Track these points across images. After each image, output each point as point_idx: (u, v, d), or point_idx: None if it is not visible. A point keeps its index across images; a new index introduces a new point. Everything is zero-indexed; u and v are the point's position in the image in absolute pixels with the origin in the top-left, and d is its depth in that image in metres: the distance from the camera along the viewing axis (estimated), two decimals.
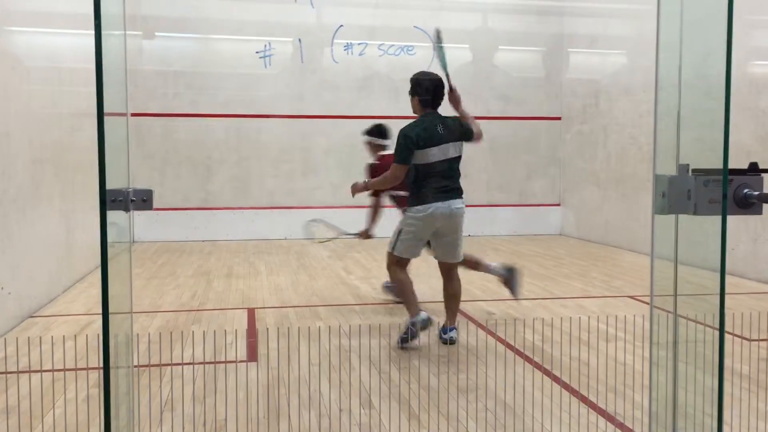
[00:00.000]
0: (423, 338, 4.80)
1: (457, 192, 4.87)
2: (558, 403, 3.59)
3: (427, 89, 4.99)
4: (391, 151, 5.51)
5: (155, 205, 1.94)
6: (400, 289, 4.99)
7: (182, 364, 4.21)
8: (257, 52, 10.61)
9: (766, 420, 3.34)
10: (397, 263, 4.99)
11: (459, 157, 4.94)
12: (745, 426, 3.21)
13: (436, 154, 4.79)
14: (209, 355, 4.44)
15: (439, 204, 4.73)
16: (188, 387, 3.79)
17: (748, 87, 7.23)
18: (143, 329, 5.13)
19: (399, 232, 4.96)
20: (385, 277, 6.15)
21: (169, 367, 4.14)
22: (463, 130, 4.94)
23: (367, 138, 6.33)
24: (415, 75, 5.13)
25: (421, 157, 4.77)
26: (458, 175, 4.94)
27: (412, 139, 4.77)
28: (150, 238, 10.21)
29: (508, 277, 5.68)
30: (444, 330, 4.84)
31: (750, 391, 3.77)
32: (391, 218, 5.49)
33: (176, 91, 10.54)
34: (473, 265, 5.73)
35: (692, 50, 1.97)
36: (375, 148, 6.24)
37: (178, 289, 6.80)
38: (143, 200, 1.91)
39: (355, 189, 5.30)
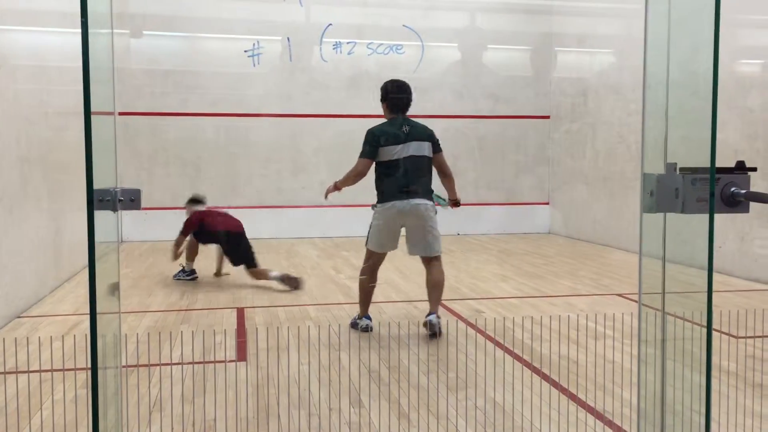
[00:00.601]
0: (412, 337, 4.81)
1: (419, 191, 5.06)
2: (547, 401, 3.60)
3: (394, 95, 5.28)
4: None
5: (143, 204, 1.93)
6: (359, 285, 5.34)
7: (171, 364, 4.19)
8: (246, 51, 10.58)
9: (753, 417, 3.37)
10: (368, 259, 5.30)
11: (424, 157, 5.13)
12: (732, 423, 3.24)
13: (398, 152, 5.08)
14: (198, 354, 4.43)
15: (398, 202, 5.06)
16: (177, 387, 3.77)
17: (734, 86, 7.27)
18: (131, 329, 5.10)
19: (369, 227, 5.34)
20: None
21: (158, 368, 4.12)
22: (429, 134, 5.27)
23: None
24: (385, 83, 5.38)
25: (383, 154, 5.11)
26: (424, 174, 5.15)
27: (375, 136, 5.16)
28: (138, 237, 10.16)
29: (287, 281, 6.60)
30: (427, 315, 4.96)
31: (737, 389, 3.79)
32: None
33: (164, 89, 10.50)
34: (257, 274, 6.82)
35: (680, 49, 1.98)
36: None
37: (167, 289, 6.77)
38: (131, 200, 1.90)
39: (328, 191, 5.71)
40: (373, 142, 5.15)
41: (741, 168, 1.89)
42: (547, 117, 11.53)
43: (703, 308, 2.20)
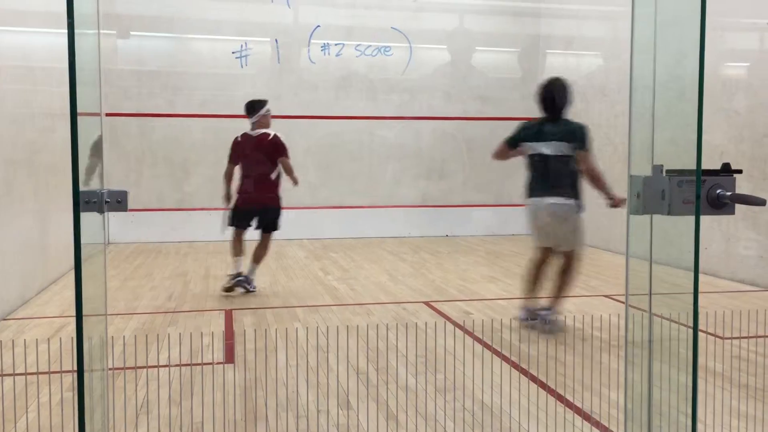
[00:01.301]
0: (401, 339, 4.81)
1: (555, 190, 5.25)
2: (535, 402, 3.61)
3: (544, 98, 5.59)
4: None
5: (131, 206, 1.92)
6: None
7: (158, 366, 4.17)
8: (233, 52, 10.55)
9: (739, 417, 3.39)
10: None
11: (562, 157, 5.31)
12: (719, 423, 3.26)
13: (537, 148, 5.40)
14: (186, 357, 4.41)
15: (536, 199, 5.35)
16: (164, 389, 3.75)
17: (721, 88, 7.33)
18: (118, 332, 5.07)
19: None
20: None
21: (145, 370, 4.10)
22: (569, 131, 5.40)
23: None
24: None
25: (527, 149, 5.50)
26: (561, 174, 5.31)
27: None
28: (125, 239, 10.10)
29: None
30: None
31: (723, 389, 3.82)
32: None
33: (151, 90, 10.45)
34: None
35: (666, 52, 1.99)
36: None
37: (154, 291, 6.74)
38: (118, 201, 1.89)
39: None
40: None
41: (727, 170, 1.91)
42: (536, 119, 11.56)
43: (690, 309, 2.21)
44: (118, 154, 10.32)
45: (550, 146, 5.33)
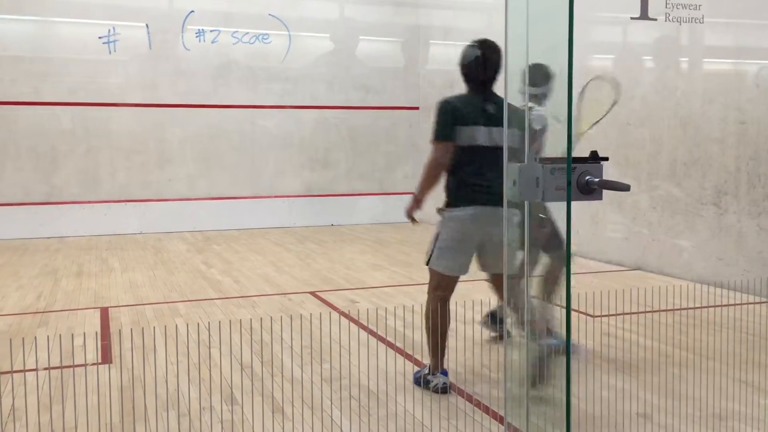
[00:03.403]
0: (287, 330, 4.76)
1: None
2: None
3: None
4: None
5: None
6: (426, 325, 3.92)
7: (24, 371, 3.92)
8: (100, 38, 10.02)
9: (609, 390, 3.60)
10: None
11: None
12: (591, 396, 3.44)
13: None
14: (58, 359, 4.17)
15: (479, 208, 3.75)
16: (34, 395, 3.53)
17: (587, 79, 7.71)
18: None
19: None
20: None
21: (12, 375, 3.84)
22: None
23: None
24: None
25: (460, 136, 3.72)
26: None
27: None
28: None
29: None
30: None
31: (595, 365, 4.04)
32: None
33: (14, 77, 9.76)
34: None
35: (538, 43, 2.06)
36: None
37: (21, 291, 6.33)
38: None
39: (412, 211, 3.97)
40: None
41: (595, 158, 2.01)
42: (417, 108, 11.75)
43: (563, 290, 2.32)
44: None
45: (495, 133, 3.69)
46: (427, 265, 3.83)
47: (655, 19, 6.24)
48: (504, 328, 3.58)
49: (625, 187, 3.10)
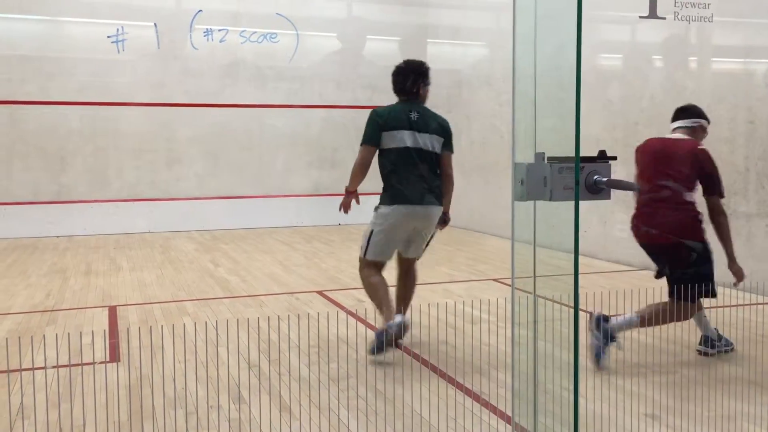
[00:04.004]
0: (294, 330, 4.77)
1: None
2: (427, 386, 3.68)
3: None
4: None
5: (1, 199, 1.79)
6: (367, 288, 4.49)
7: (33, 369, 3.94)
8: (109, 37, 10.06)
9: (617, 390, 3.59)
10: None
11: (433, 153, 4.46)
12: (598, 397, 3.43)
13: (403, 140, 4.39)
14: (66, 357, 4.18)
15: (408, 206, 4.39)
16: (42, 393, 3.55)
17: (596, 79, 7.69)
18: None
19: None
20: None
21: (21, 373, 3.86)
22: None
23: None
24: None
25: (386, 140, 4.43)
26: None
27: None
28: None
29: None
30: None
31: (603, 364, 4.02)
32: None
33: (23, 76, 9.81)
34: None
35: (546, 43, 2.05)
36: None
37: (30, 289, 6.36)
38: None
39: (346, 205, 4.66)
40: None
41: (603, 157, 2.00)
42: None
43: (571, 290, 2.31)
44: None
45: (423, 138, 4.33)
46: (362, 257, 4.43)
47: (664, 18, 6.22)
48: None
49: (633, 187, 3.07)
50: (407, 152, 4.29)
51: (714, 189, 4.07)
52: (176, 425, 3.23)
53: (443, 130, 4.44)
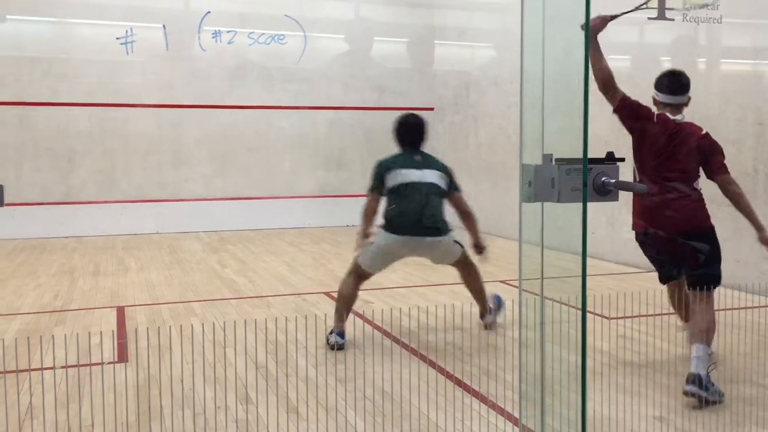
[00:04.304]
0: (301, 331, 4.78)
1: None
2: (434, 388, 3.67)
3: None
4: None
5: (10, 200, 1.80)
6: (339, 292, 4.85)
7: (42, 369, 3.95)
8: (118, 38, 10.10)
9: (625, 393, 3.58)
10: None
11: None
12: (606, 399, 3.42)
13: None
14: (75, 358, 4.20)
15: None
16: (51, 393, 3.56)
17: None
18: None
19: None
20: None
21: (29, 373, 3.88)
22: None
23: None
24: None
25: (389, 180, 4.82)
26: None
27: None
28: (5, 235, 9.52)
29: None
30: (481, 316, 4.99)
31: (610, 367, 4.02)
32: None
33: (32, 78, 9.86)
34: None
35: (554, 44, 2.05)
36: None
37: (39, 290, 6.39)
38: None
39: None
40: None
41: (611, 159, 1.99)
42: (432, 109, 11.74)
43: (579, 292, 2.30)
44: None
45: (425, 174, 4.75)
46: (357, 259, 4.76)
47: (673, 20, 6.20)
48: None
49: (641, 189, 3.06)
50: (409, 187, 4.67)
51: (723, 168, 3.94)
52: (184, 426, 3.24)
53: (446, 170, 4.86)
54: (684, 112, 4.06)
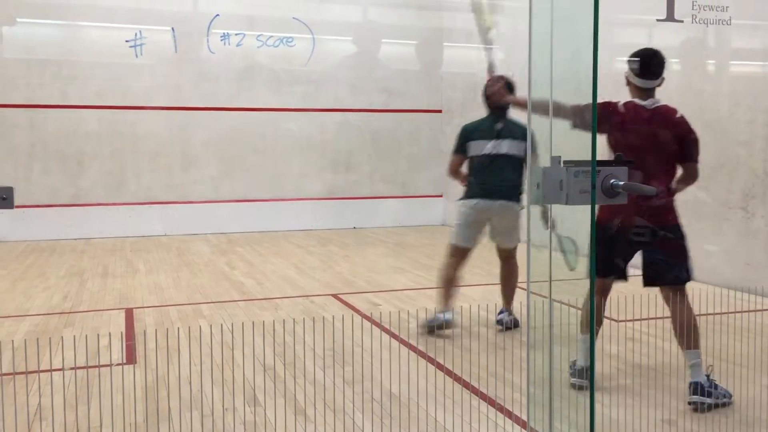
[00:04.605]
0: (309, 333, 4.78)
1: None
2: (442, 390, 3.67)
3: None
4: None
5: (20, 201, 1.81)
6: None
7: (51, 370, 3.97)
8: (127, 41, 10.14)
9: (633, 396, 3.56)
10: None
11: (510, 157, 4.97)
12: (615, 402, 3.41)
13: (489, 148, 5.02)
14: (83, 359, 4.22)
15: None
16: (60, 394, 3.58)
17: (613, 83, 7.63)
18: (9, 335, 4.80)
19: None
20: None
21: (39, 375, 3.90)
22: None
23: None
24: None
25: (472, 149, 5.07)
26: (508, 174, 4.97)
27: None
28: (15, 237, 9.57)
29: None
30: (499, 313, 5.10)
31: (619, 369, 4.00)
32: None
33: (42, 80, 9.92)
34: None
35: (562, 47, 2.05)
36: None
37: (48, 291, 6.42)
38: (3, 198, 1.78)
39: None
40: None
41: (619, 161, 1.99)
42: (440, 111, 11.74)
43: (587, 294, 2.29)
44: (5, 147, 9.76)
45: (501, 145, 4.99)
46: (451, 241, 5.08)
47: (682, 21, 6.17)
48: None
49: (649, 191, 3.06)
50: (488, 158, 4.93)
51: (695, 156, 3.76)
52: (192, 427, 3.25)
53: (525, 136, 5.02)
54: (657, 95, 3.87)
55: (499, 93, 4.77)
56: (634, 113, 3.76)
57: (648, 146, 3.74)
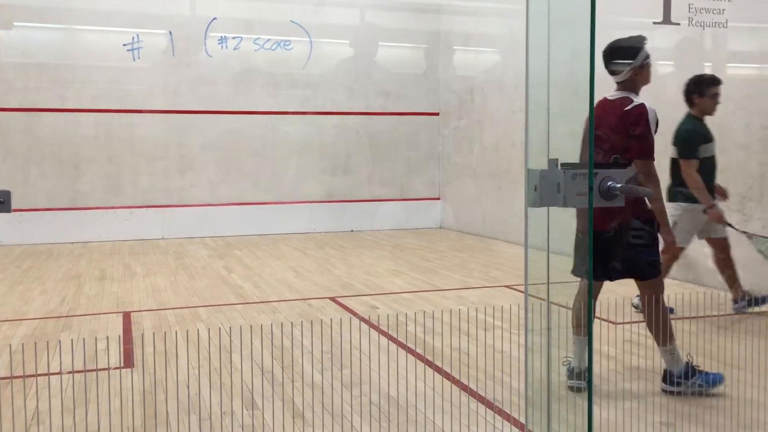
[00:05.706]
0: (307, 336, 4.77)
1: None
2: (440, 393, 3.67)
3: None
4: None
5: (17, 205, 1.81)
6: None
7: (49, 374, 3.96)
8: (125, 45, 10.14)
9: (631, 398, 3.56)
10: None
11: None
12: (612, 404, 3.41)
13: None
14: (81, 363, 4.21)
15: None
16: (57, 398, 3.57)
17: (611, 85, 7.65)
18: (6, 339, 4.79)
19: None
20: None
21: (36, 378, 3.89)
22: None
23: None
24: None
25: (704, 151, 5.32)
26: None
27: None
28: (12, 241, 9.56)
29: None
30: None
31: (617, 372, 4.00)
32: None
33: (39, 84, 9.91)
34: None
35: (559, 49, 2.05)
36: None
37: (46, 295, 6.41)
38: (0, 202, 1.77)
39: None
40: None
41: (616, 163, 1.99)
42: (437, 114, 11.76)
43: (576, 296, 2.29)
44: (3, 151, 9.75)
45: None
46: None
47: (678, 24, 6.19)
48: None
49: (647, 193, 3.05)
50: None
51: (636, 152, 3.51)
52: (190, 431, 3.24)
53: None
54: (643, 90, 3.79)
55: None
56: (599, 107, 3.70)
57: (586, 138, 3.69)
